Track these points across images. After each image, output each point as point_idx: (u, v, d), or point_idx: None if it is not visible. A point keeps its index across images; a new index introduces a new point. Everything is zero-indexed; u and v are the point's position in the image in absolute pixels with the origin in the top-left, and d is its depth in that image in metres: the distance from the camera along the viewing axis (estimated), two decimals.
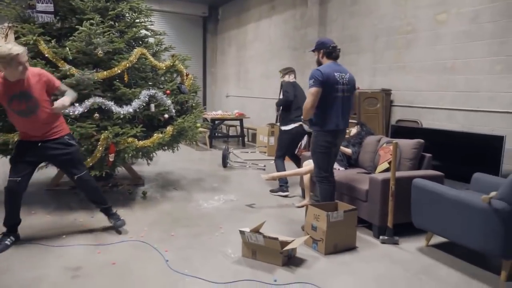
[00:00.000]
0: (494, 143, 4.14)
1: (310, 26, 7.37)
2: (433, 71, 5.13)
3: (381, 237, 3.36)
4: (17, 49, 2.82)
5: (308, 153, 4.68)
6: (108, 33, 4.07)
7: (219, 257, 3.00)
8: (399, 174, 3.40)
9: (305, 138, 6.15)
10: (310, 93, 3.33)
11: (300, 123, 4.80)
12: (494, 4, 4.38)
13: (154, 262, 2.88)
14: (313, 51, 3.61)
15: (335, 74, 3.38)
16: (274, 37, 8.98)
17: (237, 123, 9.46)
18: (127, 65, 4.07)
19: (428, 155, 3.82)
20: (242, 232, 2.96)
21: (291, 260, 2.93)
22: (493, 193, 2.64)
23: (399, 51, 5.62)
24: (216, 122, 9.14)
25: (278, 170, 4.79)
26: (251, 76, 10.17)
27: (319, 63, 3.54)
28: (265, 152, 7.78)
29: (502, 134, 4.10)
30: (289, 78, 5.06)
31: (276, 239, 2.81)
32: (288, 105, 4.80)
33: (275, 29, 8.94)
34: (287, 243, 2.88)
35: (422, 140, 3.78)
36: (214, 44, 12.29)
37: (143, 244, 3.20)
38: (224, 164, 6.41)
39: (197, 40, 12.19)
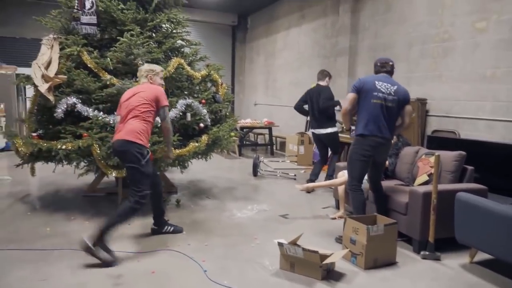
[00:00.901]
0: None
1: (341, 34, 7.32)
2: (471, 80, 4.98)
3: (422, 252, 3.26)
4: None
5: (342, 164, 4.63)
6: (147, 43, 4.17)
7: (257, 268, 2.98)
8: (440, 187, 3.30)
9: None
10: (346, 98, 3.54)
11: (312, 130, 5.67)
12: None
13: (193, 272, 2.90)
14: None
15: (376, 82, 3.42)
16: (303, 45, 8.97)
17: (265, 131, 9.47)
18: (166, 74, 4.15)
19: (470, 167, 3.69)
20: (280, 244, 2.94)
21: (330, 274, 2.88)
22: None
23: (435, 59, 5.49)
24: (245, 130, 9.17)
25: (313, 170, 5.62)
26: (280, 84, 10.17)
27: None
28: (295, 162, 7.70)
29: None
30: (323, 83, 5.62)
31: (316, 252, 2.77)
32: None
33: (304, 38, 8.93)
34: (326, 256, 2.83)
35: (463, 152, 3.66)
36: (243, 52, 12.39)
37: (180, 254, 3.23)
38: (255, 173, 6.41)
39: (226, 49, 12.33)
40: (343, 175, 4.31)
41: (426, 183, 3.78)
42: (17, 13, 9.67)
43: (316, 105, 5.45)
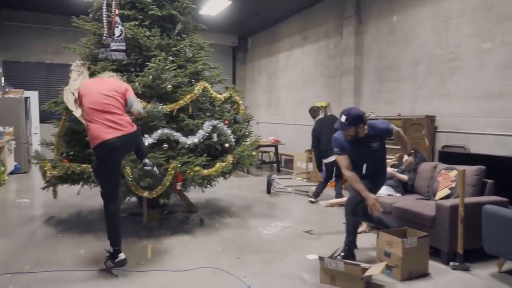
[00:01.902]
0: None
1: (345, 55, 7.59)
2: (479, 97, 5.22)
3: (451, 263, 3.39)
4: None
5: None
6: (174, 68, 4.33)
7: (298, 283, 3.09)
8: (466, 200, 3.46)
9: None
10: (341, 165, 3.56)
11: (326, 160, 5.86)
12: None
13: None
14: (350, 126, 3.34)
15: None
16: (307, 65, 9.24)
17: (271, 149, 9.62)
18: (192, 97, 4.30)
19: (490, 181, 3.87)
20: (321, 259, 3.05)
21: (370, 286, 3.00)
22: None
23: (442, 78, 5.75)
24: None
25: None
26: (283, 103, 10.40)
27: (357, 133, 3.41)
28: (306, 178, 7.83)
29: None
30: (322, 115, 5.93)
31: (358, 265, 2.89)
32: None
33: (308, 58, 9.20)
34: (366, 269, 2.95)
35: (483, 167, 3.85)
36: (243, 72, 12.67)
37: (218, 271, 3.31)
38: (269, 190, 6.53)
39: (227, 68, 12.57)
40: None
41: (447, 196, 3.94)
42: (21, 38, 9.84)
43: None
